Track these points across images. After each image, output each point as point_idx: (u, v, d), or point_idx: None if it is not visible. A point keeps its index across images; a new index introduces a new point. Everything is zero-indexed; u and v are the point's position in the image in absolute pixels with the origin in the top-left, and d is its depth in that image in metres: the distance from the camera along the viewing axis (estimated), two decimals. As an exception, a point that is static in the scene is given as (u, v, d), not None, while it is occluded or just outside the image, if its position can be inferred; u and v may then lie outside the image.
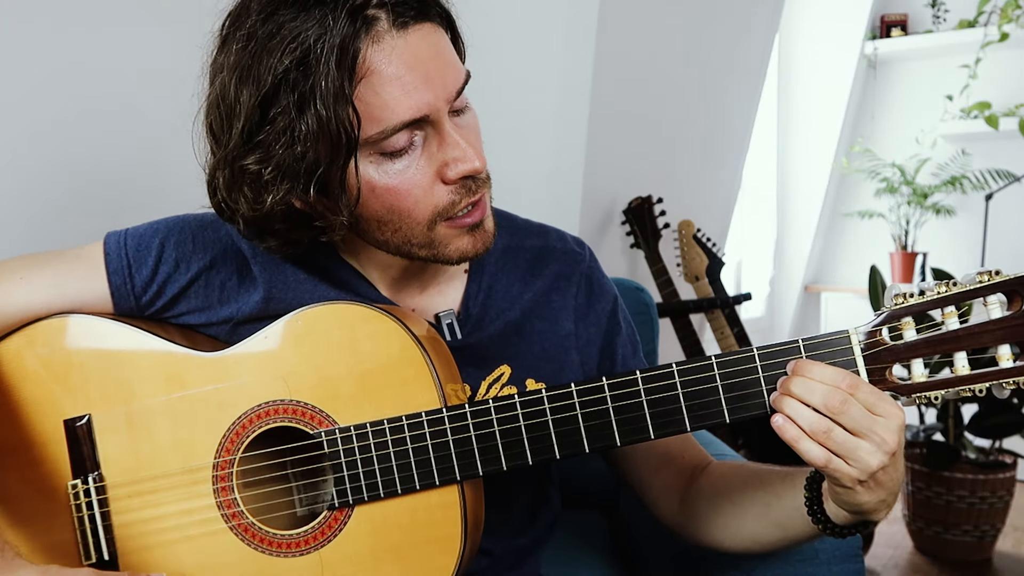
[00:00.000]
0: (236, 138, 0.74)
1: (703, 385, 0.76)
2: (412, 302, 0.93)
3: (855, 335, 0.74)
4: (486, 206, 0.82)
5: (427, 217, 0.79)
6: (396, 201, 0.78)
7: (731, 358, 0.75)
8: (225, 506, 0.84)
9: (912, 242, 3.60)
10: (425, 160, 0.77)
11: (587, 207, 2.15)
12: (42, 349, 0.87)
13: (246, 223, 0.80)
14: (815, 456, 0.70)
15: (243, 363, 0.85)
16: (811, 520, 0.78)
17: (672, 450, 0.96)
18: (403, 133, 0.75)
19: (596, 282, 0.99)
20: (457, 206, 0.79)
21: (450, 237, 0.81)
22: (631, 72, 2.08)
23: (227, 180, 0.77)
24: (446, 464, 0.79)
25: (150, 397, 0.85)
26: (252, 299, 0.89)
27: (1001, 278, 0.70)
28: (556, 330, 0.95)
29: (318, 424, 0.82)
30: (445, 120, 0.77)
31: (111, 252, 0.88)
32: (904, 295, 0.73)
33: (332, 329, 0.83)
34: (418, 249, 0.82)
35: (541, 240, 0.99)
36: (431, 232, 0.80)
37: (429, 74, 0.74)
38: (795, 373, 0.71)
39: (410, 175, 0.77)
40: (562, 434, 0.78)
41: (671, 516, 0.95)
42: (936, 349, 0.73)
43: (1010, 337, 0.71)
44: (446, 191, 0.78)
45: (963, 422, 2.64)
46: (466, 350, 0.90)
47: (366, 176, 0.76)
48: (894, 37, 3.62)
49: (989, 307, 0.71)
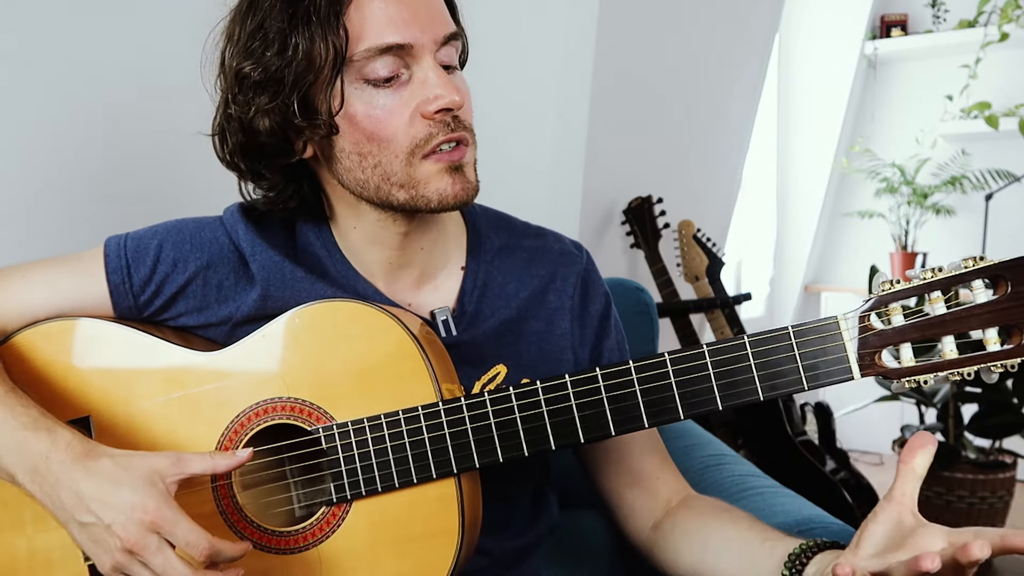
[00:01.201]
0: (239, 48, 0.81)
1: (695, 373, 0.77)
2: (408, 297, 0.93)
3: (844, 321, 0.75)
4: (468, 154, 0.83)
5: (405, 148, 0.80)
6: (376, 129, 0.80)
7: (723, 346, 0.77)
8: (224, 504, 0.84)
9: (912, 242, 3.60)
10: (408, 95, 0.80)
11: (587, 207, 2.15)
12: (41, 352, 0.87)
13: (241, 152, 0.84)
14: None
15: (240, 362, 0.85)
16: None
17: (648, 469, 0.95)
18: (387, 60, 0.79)
19: (592, 285, 0.99)
20: (435, 139, 0.80)
21: (431, 175, 0.81)
22: (631, 72, 2.08)
23: (225, 96, 0.83)
24: (443, 457, 0.80)
25: (149, 398, 0.86)
26: (250, 297, 0.89)
27: (985, 263, 0.72)
28: (552, 330, 0.95)
29: (316, 421, 0.82)
30: (428, 58, 0.80)
31: (110, 253, 0.90)
32: (891, 281, 0.74)
33: (329, 326, 0.83)
34: (397, 190, 0.82)
35: (539, 241, 0.99)
36: (410, 168, 0.81)
37: (417, 12, 0.80)
38: None
39: (391, 106, 0.80)
40: (557, 424, 0.79)
41: (639, 536, 0.95)
42: (924, 334, 0.74)
43: (996, 320, 0.72)
44: (425, 124, 0.80)
45: (963, 422, 2.64)
46: (461, 347, 0.90)
47: (349, 101, 0.80)
48: (894, 37, 3.63)
49: (975, 292, 0.72)
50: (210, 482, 0.84)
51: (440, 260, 0.94)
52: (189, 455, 0.77)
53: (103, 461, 0.75)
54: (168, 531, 0.71)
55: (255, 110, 0.80)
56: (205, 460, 0.77)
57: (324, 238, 0.92)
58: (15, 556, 0.85)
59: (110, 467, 0.74)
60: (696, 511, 0.91)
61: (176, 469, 0.75)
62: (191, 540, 0.71)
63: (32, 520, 0.85)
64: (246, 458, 0.79)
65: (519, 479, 0.95)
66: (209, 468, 0.77)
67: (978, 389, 2.62)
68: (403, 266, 0.92)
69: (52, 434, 0.77)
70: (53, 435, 0.77)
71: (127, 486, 0.72)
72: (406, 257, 0.91)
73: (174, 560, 0.71)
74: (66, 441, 0.76)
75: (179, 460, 0.76)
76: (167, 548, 0.71)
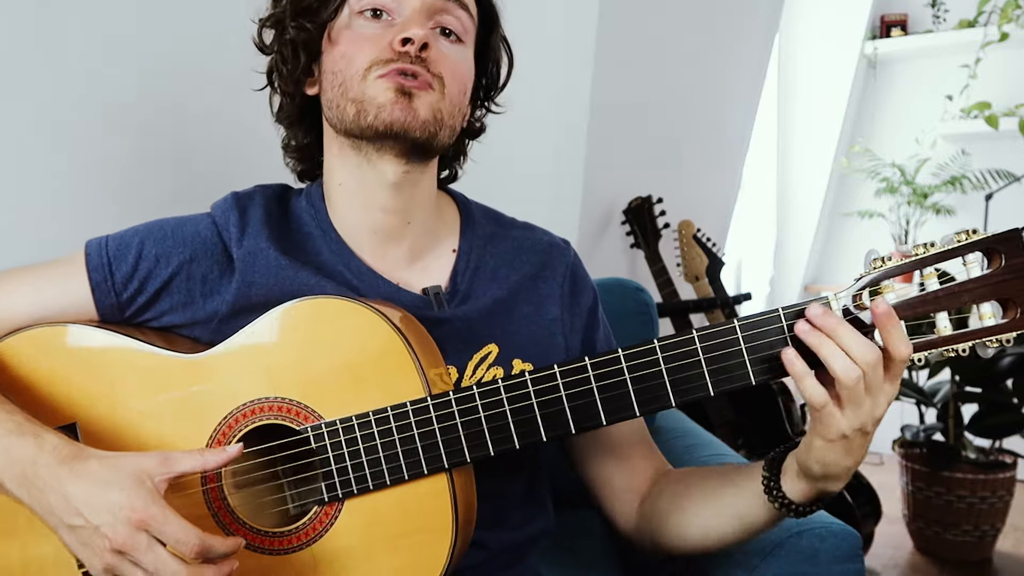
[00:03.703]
0: None
1: (686, 360, 0.76)
2: (399, 275, 0.93)
3: (835, 301, 0.74)
4: (425, 94, 0.85)
5: (364, 65, 0.85)
6: (348, 47, 0.86)
7: (712, 331, 0.76)
8: (215, 506, 0.83)
9: (912, 242, 3.60)
10: (388, 32, 0.86)
11: (587, 207, 2.15)
12: (26, 359, 0.86)
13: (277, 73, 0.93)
14: (816, 395, 0.72)
15: (226, 363, 0.85)
16: (768, 499, 0.80)
17: (637, 451, 0.98)
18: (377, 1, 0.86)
19: (580, 278, 1.01)
20: (392, 64, 0.84)
21: (378, 91, 0.84)
22: (631, 72, 2.08)
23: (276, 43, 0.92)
24: (433, 452, 0.79)
25: (135, 402, 0.85)
26: (233, 287, 0.89)
27: (979, 236, 0.70)
28: (542, 314, 0.96)
29: (304, 420, 0.82)
30: (415, 5, 0.86)
31: (91, 253, 0.89)
32: (882, 259, 0.73)
33: (313, 324, 0.83)
34: (349, 104, 0.85)
35: (527, 232, 1.02)
36: (364, 84, 0.84)
37: None
38: (834, 323, 0.72)
39: (369, 34, 0.86)
40: (547, 416, 0.78)
41: (627, 518, 0.97)
42: (917, 311, 0.72)
43: (990, 295, 0.71)
44: (388, 51, 0.84)
45: (963, 422, 2.64)
46: (454, 323, 0.91)
47: (340, 25, 0.88)
48: (894, 37, 3.63)
49: (969, 266, 0.71)
50: (200, 485, 0.83)
51: (431, 240, 0.95)
52: (178, 454, 0.76)
53: (90, 463, 0.73)
54: (157, 529, 0.70)
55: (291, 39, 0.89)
56: (194, 458, 0.76)
57: (319, 215, 0.94)
58: (9, 564, 0.84)
59: (97, 468, 0.73)
60: (674, 472, 0.97)
61: (164, 468, 0.74)
62: (181, 537, 0.70)
63: (25, 528, 0.83)
64: (235, 453, 0.78)
65: (510, 473, 0.96)
66: (199, 465, 0.76)
67: (978, 389, 2.62)
68: (391, 238, 0.92)
69: (38, 439, 0.76)
70: (39, 439, 0.75)
71: (115, 487, 0.71)
72: (393, 227, 0.92)
73: (165, 557, 0.70)
74: (52, 445, 0.75)
75: (167, 459, 0.75)
76: (157, 546, 0.70)
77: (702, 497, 0.88)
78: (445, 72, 0.86)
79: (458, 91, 0.88)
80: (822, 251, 4.03)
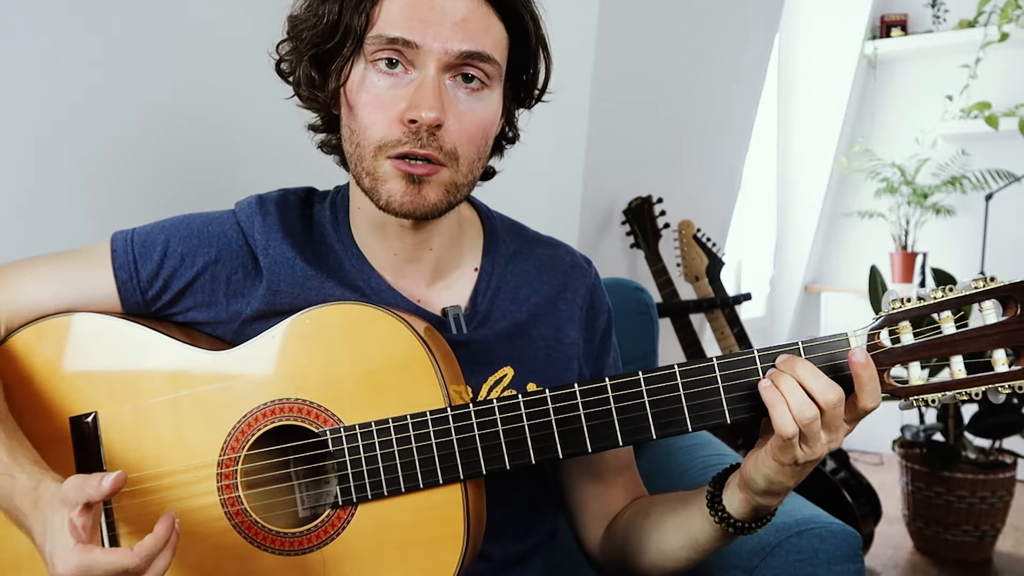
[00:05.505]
0: None
1: (705, 386, 0.77)
2: (419, 293, 0.93)
3: (854, 338, 0.75)
4: (435, 175, 0.82)
5: (374, 142, 0.82)
6: (360, 110, 0.83)
7: (733, 359, 0.77)
8: (229, 504, 0.84)
9: (912, 242, 3.60)
10: (401, 94, 0.81)
11: (587, 207, 2.15)
12: (49, 347, 0.87)
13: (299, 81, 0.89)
14: (786, 425, 0.73)
15: (249, 362, 0.85)
16: (710, 512, 0.82)
17: (621, 480, 0.99)
18: (391, 52, 0.80)
19: (598, 300, 1.01)
20: (401, 146, 0.80)
21: (388, 176, 0.82)
22: (631, 72, 2.08)
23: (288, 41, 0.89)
24: (450, 463, 0.80)
25: (156, 395, 0.86)
26: (259, 293, 0.89)
27: (996, 284, 0.72)
28: (560, 337, 0.96)
29: (323, 423, 0.82)
30: (432, 65, 0.80)
31: (117, 249, 0.90)
32: (902, 300, 0.75)
33: (338, 328, 0.83)
34: (364, 176, 0.84)
35: (551, 250, 1.01)
36: (376, 162, 0.82)
37: (439, 19, 0.80)
38: (795, 363, 0.75)
39: (383, 97, 0.81)
40: (565, 434, 0.79)
41: (594, 542, 0.99)
42: (933, 353, 0.74)
43: (1005, 342, 0.73)
44: (400, 128, 0.80)
45: (963, 422, 2.64)
46: (471, 346, 0.91)
47: (352, 77, 0.83)
48: (894, 37, 3.63)
49: (984, 312, 0.73)
50: (216, 481, 0.84)
51: (454, 260, 0.95)
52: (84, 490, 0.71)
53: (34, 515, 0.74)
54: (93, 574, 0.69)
55: (284, 54, 0.88)
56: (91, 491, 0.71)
57: (340, 228, 0.93)
58: (18, 551, 0.85)
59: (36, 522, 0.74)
60: (641, 499, 0.99)
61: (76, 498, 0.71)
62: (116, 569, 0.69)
63: None
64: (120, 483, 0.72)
65: (517, 485, 0.96)
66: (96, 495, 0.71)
67: (978, 389, 2.62)
68: (410, 261, 0.92)
69: (12, 479, 0.77)
70: (13, 480, 0.77)
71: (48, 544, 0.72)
72: (413, 254, 0.92)
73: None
74: (21, 487, 0.76)
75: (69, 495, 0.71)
76: None
77: (658, 516, 0.90)
78: (460, 144, 0.82)
79: (476, 152, 0.85)
80: (822, 251, 4.03)
